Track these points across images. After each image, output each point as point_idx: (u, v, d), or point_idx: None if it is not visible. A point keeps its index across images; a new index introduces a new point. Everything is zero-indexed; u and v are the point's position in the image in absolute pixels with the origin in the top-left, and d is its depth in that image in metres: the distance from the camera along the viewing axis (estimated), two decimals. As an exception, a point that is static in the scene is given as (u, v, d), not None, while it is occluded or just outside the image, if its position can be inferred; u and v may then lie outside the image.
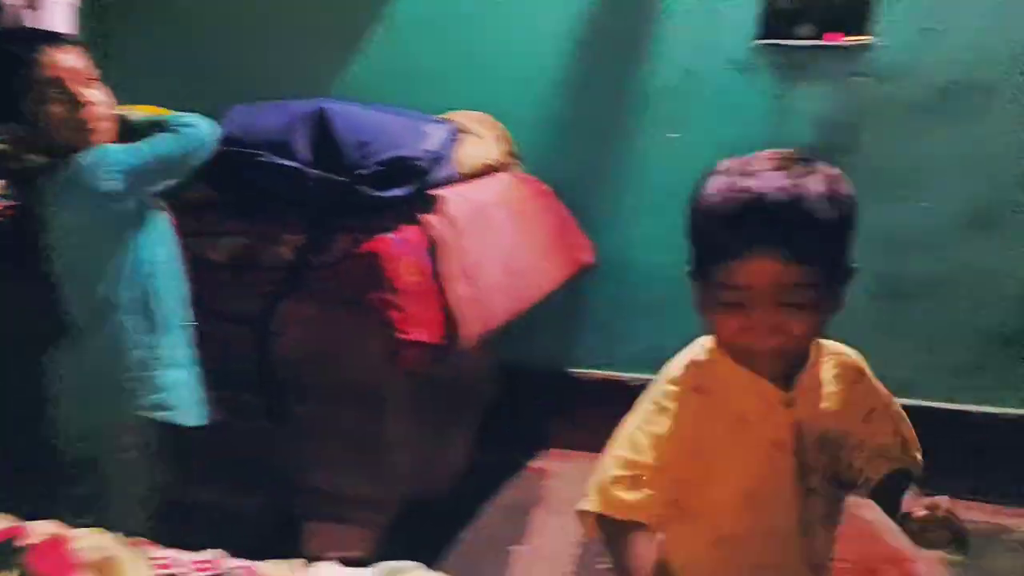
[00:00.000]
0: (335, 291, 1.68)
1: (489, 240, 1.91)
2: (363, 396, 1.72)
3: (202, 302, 1.72)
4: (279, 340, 1.73)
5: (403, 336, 1.60)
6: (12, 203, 1.86)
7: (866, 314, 2.14)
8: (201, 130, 1.59)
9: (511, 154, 2.19)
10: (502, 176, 2.12)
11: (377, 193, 1.68)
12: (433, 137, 1.78)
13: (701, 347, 1.07)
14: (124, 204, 1.54)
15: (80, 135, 1.53)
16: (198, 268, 1.71)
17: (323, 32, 2.43)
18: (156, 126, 1.60)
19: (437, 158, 1.77)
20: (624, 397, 2.43)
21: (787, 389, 1.02)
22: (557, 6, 2.27)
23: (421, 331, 1.64)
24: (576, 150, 2.33)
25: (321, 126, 1.73)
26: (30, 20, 2.06)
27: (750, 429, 1.03)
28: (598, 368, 2.43)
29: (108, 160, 1.52)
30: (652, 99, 2.26)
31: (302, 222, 1.74)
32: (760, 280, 0.94)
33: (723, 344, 1.02)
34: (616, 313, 2.39)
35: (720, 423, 1.03)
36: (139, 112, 1.66)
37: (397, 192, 1.70)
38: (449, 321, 1.71)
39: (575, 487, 2.31)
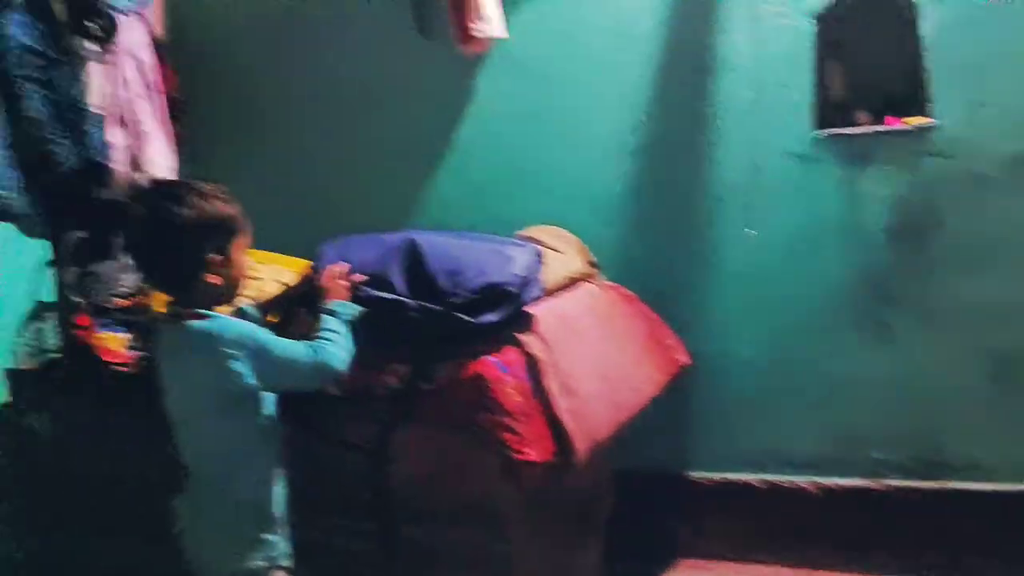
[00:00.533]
0: (444, 415, 1.72)
1: (581, 352, 1.94)
2: (484, 517, 1.74)
3: (318, 430, 1.80)
4: (394, 466, 1.77)
5: (519, 456, 1.64)
6: (139, 354, 2.01)
7: (986, 394, 2.14)
8: (333, 362, 1.54)
9: (591, 264, 2.26)
10: (585, 286, 2.17)
11: (475, 320, 1.74)
12: (520, 261, 1.85)
13: None
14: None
15: (227, 298, 1.59)
16: (313, 398, 1.80)
17: (400, 160, 2.59)
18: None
19: (526, 281, 1.83)
20: (750, 500, 2.42)
21: None
22: (613, 119, 2.38)
23: (534, 450, 1.67)
24: (653, 254, 2.39)
25: (413, 257, 1.82)
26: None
27: None
28: (718, 470, 2.40)
29: (236, 337, 1.50)
30: (722, 196, 2.31)
31: (405, 351, 1.80)
32: None
33: None
34: (722, 411, 2.38)
35: None
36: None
37: (492, 317, 1.76)
38: (557, 437, 1.74)
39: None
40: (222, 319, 1.55)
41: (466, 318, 1.73)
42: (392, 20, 2.51)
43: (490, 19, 2.21)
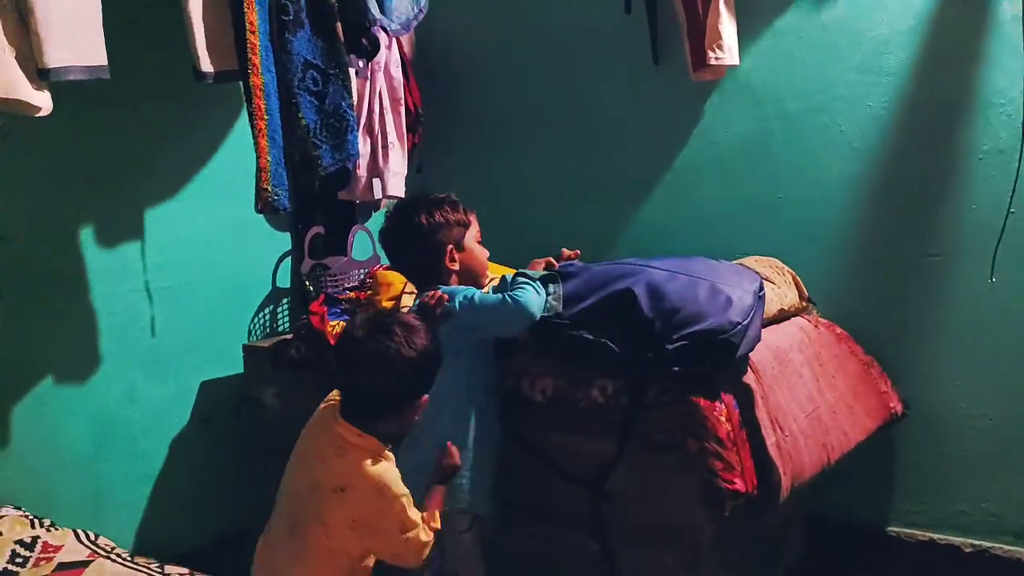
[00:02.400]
0: (652, 436, 1.74)
1: (792, 388, 1.90)
2: (679, 542, 1.74)
3: (520, 436, 1.88)
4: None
5: (724, 485, 1.63)
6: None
7: None
8: (524, 308, 1.76)
9: (805, 299, 2.20)
10: (798, 321, 2.13)
11: (685, 370, 1.71)
12: (739, 305, 1.77)
13: None
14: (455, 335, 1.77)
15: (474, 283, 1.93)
16: (517, 403, 1.89)
17: (621, 184, 2.63)
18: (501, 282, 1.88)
19: (744, 329, 1.75)
20: (954, 565, 2.24)
21: None
22: (847, 153, 2.28)
23: (739, 479, 1.66)
24: (877, 294, 2.26)
25: (627, 299, 1.80)
26: (378, 190, 2.47)
27: None
28: (920, 528, 2.25)
29: (456, 294, 1.82)
30: (964, 240, 2.14)
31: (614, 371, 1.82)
32: None
33: None
34: (936, 468, 2.22)
35: None
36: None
37: (703, 366, 1.71)
38: (761, 470, 1.71)
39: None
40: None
41: (676, 367, 1.70)
42: (622, 47, 2.57)
43: (729, 48, 2.21)
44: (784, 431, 1.80)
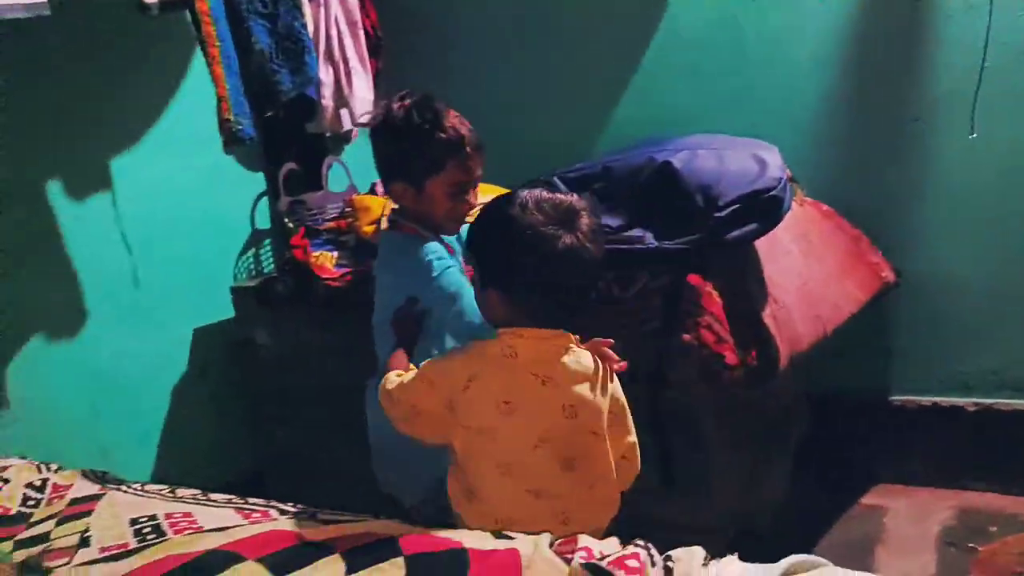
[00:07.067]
0: (647, 317, 1.73)
1: (780, 264, 1.90)
2: (682, 422, 1.75)
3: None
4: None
5: (723, 360, 1.64)
6: (349, 269, 2.17)
7: None
8: None
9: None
10: (781, 200, 2.11)
11: (734, 235, 1.70)
12: (774, 164, 1.79)
13: None
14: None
15: (449, 228, 1.65)
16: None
17: (585, 83, 2.59)
18: None
19: (784, 184, 1.77)
20: (952, 423, 2.28)
21: None
22: (818, 28, 2.24)
23: (736, 354, 1.66)
24: (858, 167, 2.25)
25: (661, 179, 1.81)
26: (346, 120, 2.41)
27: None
28: (924, 394, 2.28)
29: (434, 265, 1.55)
30: (943, 101, 2.13)
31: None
32: None
33: None
34: (932, 333, 2.24)
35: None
36: None
37: (754, 227, 1.72)
38: (759, 342, 1.72)
39: (915, 525, 2.09)
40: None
41: (720, 239, 1.70)
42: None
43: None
44: (777, 302, 1.80)
